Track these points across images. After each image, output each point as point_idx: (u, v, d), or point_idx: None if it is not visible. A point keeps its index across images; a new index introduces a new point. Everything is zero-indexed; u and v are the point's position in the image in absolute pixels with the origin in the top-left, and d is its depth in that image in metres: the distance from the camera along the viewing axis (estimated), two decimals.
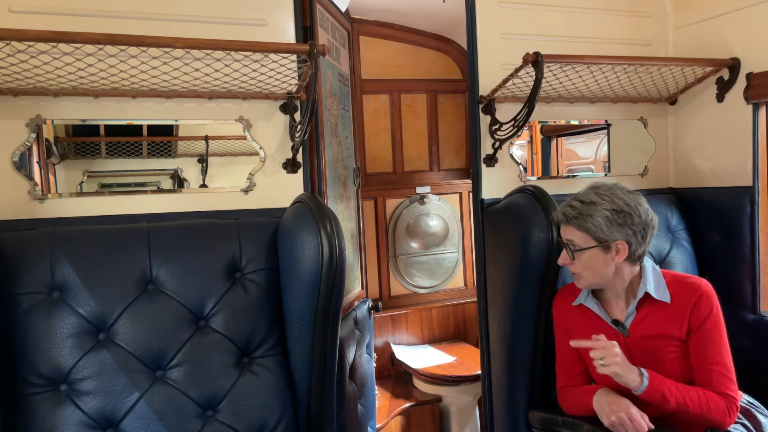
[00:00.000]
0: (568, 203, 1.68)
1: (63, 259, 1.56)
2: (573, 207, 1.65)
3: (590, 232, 1.62)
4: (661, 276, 1.70)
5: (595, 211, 1.62)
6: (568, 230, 1.67)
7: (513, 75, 1.98)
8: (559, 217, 1.70)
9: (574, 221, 1.64)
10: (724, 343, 1.63)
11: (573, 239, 1.66)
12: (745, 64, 2.17)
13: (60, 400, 1.49)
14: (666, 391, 1.55)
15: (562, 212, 1.68)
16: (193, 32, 1.72)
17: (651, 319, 1.67)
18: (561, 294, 1.88)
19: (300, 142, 1.89)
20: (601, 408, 1.60)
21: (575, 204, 1.65)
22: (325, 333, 1.65)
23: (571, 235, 1.66)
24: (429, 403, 3.30)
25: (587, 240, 1.63)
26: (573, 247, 1.66)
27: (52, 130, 1.76)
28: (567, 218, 1.66)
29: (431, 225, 3.87)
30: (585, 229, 1.63)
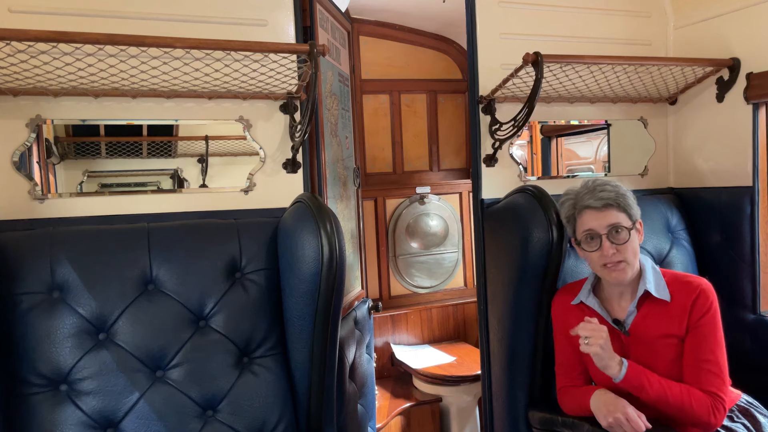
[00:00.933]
0: (599, 188, 1.62)
1: (63, 259, 1.56)
2: (608, 190, 1.61)
3: (630, 211, 1.61)
4: (661, 275, 1.70)
5: (624, 190, 1.62)
6: (610, 214, 1.60)
7: (513, 75, 1.98)
8: (595, 204, 1.62)
9: (619, 200, 1.60)
10: (718, 342, 1.61)
11: (620, 222, 1.60)
12: (745, 64, 2.17)
13: (60, 400, 1.49)
14: (645, 381, 1.55)
15: (600, 197, 1.61)
16: (193, 32, 1.72)
17: (651, 318, 1.66)
18: (560, 294, 1.87)
19: (300, 142, 1.89)
20: (598, 409, 1.60)
21: (608, 188, 1.62)
22: (325, 333, 1.65)
23: (616, 218, 1.60)
24: (429, 403, 3.30)
25: (627, 220, 1.61)
26: (619, 230, 1.60)
27: (52, 130, 1.76)
28: (609, 201, 1.60)
29: (431, 225, 3.87)
30: (627, 207, 1.61)
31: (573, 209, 1.68)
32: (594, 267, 1.69)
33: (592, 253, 1.64)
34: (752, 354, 2.14)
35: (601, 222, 1.61)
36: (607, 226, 1.61)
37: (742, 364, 1.92)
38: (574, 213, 1.68)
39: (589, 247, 1.64)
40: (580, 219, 1.66)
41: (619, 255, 1.61)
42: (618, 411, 1.54)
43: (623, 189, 1.65)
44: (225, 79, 1.77)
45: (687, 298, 1.62)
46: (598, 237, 1.62)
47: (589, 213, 1.64)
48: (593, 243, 1.63)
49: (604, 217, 1.61)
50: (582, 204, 1.65)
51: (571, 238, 1.74)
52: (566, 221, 1.73)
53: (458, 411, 3.31)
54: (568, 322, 1.79)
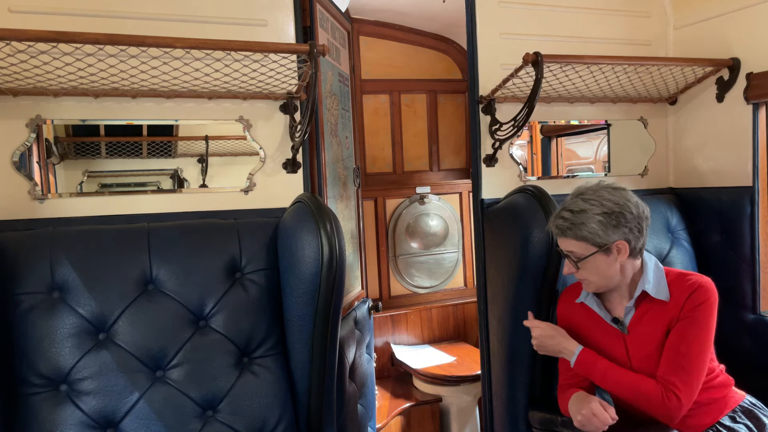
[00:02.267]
0: (559, 215, 1.65)
1: (63, 259, 1.56)
2: (564, 219, 1.63)
3: (588, 240, 1.60)
4: (663, 273, 1.69)
5: (587, 219, 1.59)
6: (565, 242, 1.65)
7: (513, 75, 1.98)
8: (554, 230, 1.67)
9: (569, 232, 1.62)
10: (700, 338, 1.59)
11: (572, 250, 1.64)
12: (745, 64, 2.17)
13: (60, 400, 1.49)
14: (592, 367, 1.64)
15: (555, 225, 1.66)
16: (193, 32, 1.72)
17: (649, 317, 1.66)
18: (566, 293, 1.88)
19: (300, 142, 1.89)
20: (571, 411, 1.64)
21: (565, 215, 1.63)
22: (325, 333, 1.65)
23: (570, 246, 1.64)
24: (429, 403, 3.30)
25: (587, 248, 1.61)
26: (574, 257, 1.64)
27: (52, 130, 1.76)
28: (561, 230, 1.64)
29: (431, 225, 3.87)
30: (582, 238, 1.61)
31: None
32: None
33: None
34: (752, 354, 2.14)
35: (562, 245, 1.68)
36: (566, 251, 1.67)
37: (742, 364, 1.92)
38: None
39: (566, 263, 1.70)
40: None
41: (579, 275, 1.67)
42: (584, 407, 1.57)
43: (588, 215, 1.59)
44: (225, 79, 1.77)
45: (683, 294, 1.62)
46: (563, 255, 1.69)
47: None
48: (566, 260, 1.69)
49: (562, 242, 1.67)
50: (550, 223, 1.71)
51: None
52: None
53: (458, 411, 3.31)
54: (572, 321, 1.80)
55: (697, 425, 1.65)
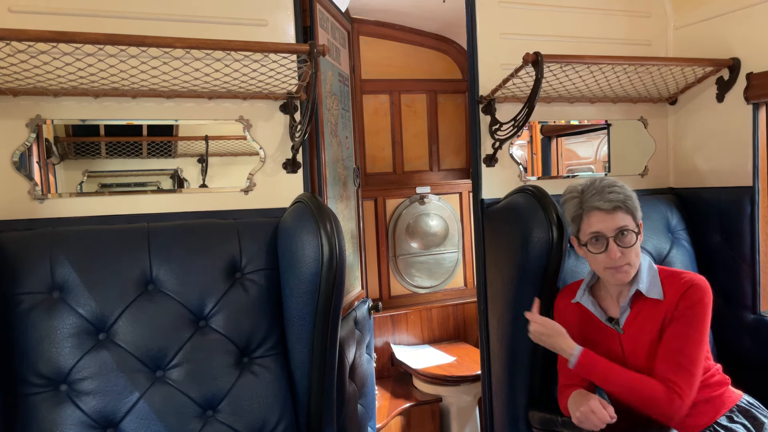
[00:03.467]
0: (607, 191, 1.59)
1: (63, 259, 1.56)
2: (617, 192, 1.58)
3: (635, 215, 1.60)
4: (656, 273, 1.68)
5: (631, 191, 1.59)
6: (617, 217, 1.58)
7: (513, 75, 1.98)
8: (604, 206, 1.58)
9: (626, 204, 1.58)
10: (695, 336, 1.58)
11: (627, 224, 1.58)
12: (745, 64, 2.17)
13: (60, 400, 1.49)
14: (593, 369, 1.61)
15: (607, 200, 1.58)
16: (193, 32, 1.72)
17: (643, 316, 1.66)
18: (561, 294, 1.88)
19: (300, 142, 1.89)
20: (570, 408, 1.63)
21: (616, 189, 1.59)
22: (325, 333, 1.65)
23: (623, 220, 1.58)
24: (429, 403, 3.30)
25: (633, 223, 1.60)
26: (626, 233, 1.58)
27: (52, 130, 1.76)
28: (616, 204, 1.57)
29: (431, 225, 3.87)
30: (631, 212, 1.59)
31: (580, 209, 1.64)
32: (596, 268, 1.68)
33: (597, 255, 1.62)
34: (752, 354, 2.14)
35: (609, 225, 1.59)
36: (615, 229, 1.59)
37: (742, 364, 1.93)
38: (581, 213, 1.64)
39: (595, 248, 1.62)
40: (588, 220, 1.62)
41: (624, 258, 1.59)
42: (583, 404, 1.56)
43: (629, 190, 1.63)
44: (225, 79, 1.77)
45: (676, 292, 1.61)
46: (605, 239, 1.60)
47: (597, 214, 1.60)
48: (599, 245, 1.61)
49: (613, 220, 1.58)
50: (590, 205, 1.61)
51: (571, 236, 1.72)
52: (570, 220, 1.69)
53: (458, 411, 3.32)
54: (568, 320, 1.80)
55: (695, 425, 1.65)
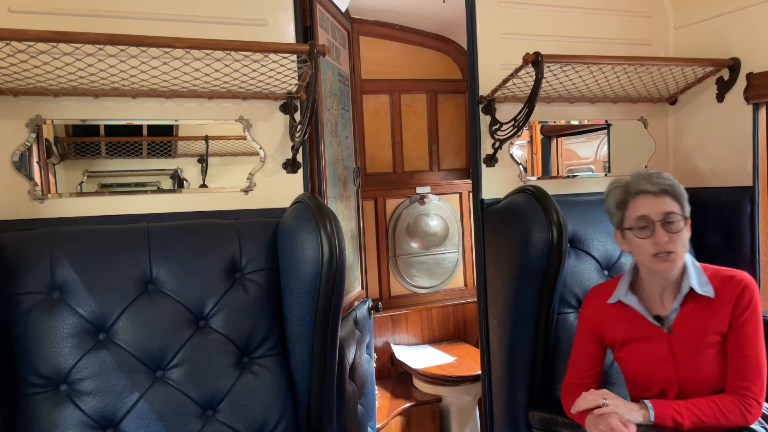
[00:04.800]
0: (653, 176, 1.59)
1: (63, 259, 1.56)
2: (662, 177, 1.59)
3: (682, 204, 1.58)
4: (702, 271, 1.64)
5: (681, 186, 1.59)
6: (664, 201, 1.56)
7: (513, 75, 1.98)
8: (651, 188, 1.58)
9: (674, 189, 1.57)
10: (759, 338, 1.57)
11: (674, 210, 1.56)
12: (745, 64, 2.17)
13: (60, 400, 1.49)
14: (675, 414, 1.52)
15: (656, 183, 1.58)
16: (193, 32, 1.72)
17: (696, 316, 1.61)
18: (592, 294, 1.83)
19: (300, 142, 1.89)
20: (588, 427, 1.59)
21: (663, 174, 1.60)
22: (325, 333, 1.65)
23: (671, 206, 1.56)
24: (429, 403, 3.30)
25: (680, 211, 1.57)
26: (673, 219, 1.55)
27: (52, 130, 1.76)
28: (666, 188, 1.57)
29: (431, 225, 3.87)
30: (679, 199, 1.58)
31: (625, 194, 1.63)
32: (642, 257, 1.61)
33: (643, 241, 1.58)
34: None
35: (656, 208, 1.56)
36: (662, 213, 1.56)
37: None
38: (626, 198, 1.62)
39: (641, 233, 1.58)
40: (633, 204, 1.60)
41: (671, 244, 1.55)
42: (602, 422, 1.52)
43: (677, 181, 1.62)
44: (225, 79, 1.77)
45: (731, 293, 1.58)
46: (652, 224, 1.56)
47: (643, 198, 1.59)
48: (645, 230, 1.57)
49: (660, 204, 1.56)
50: (637, 188, 1.60)
51: (614, 231, 1.70)
52: (615, 207, 1.66)
53: (458, 411, 3.31)
54: (602, 322, 1.75)
55: None
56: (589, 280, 2.04)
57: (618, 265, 2.10)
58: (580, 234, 2.08)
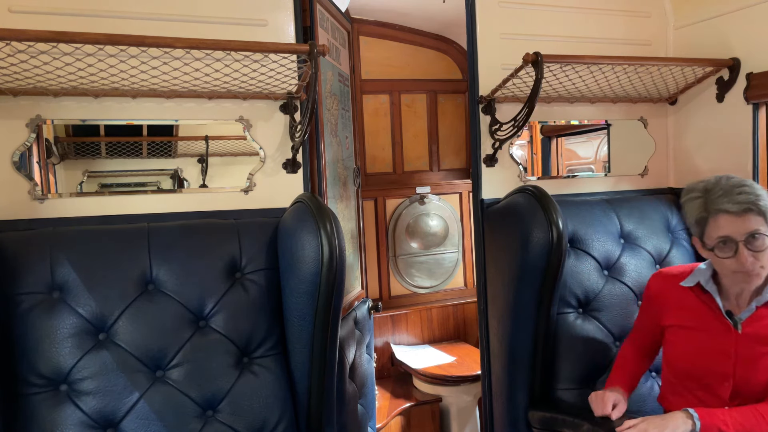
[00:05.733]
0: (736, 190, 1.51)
1: (63, 259, 1.56)
2: (745, 192, 1.50)
3: (766, 215, 1.49)
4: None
5: (761, 190, 1.51)
6: (748, 220, 1.49)
7: (513, 75, 1.98)
8: (733, 208, 1.50)
9: (758, 205, 1.48)
10: None
11: (758, 229, 1.48)
12: (745, 64, 2.17)
13: (60, 400, 1.49)
14: (720, 423, 1.49)
15: (738, 201, 1.49)
16: (193, 32, 1.72)
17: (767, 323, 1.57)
18: (663, 275, 1.81)
19: (300, 142, 1.89)
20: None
21: (745, 189, 1.50)
22: (325, 333, 1.65)
23: (755, 224, 1.48)
24: (429, 403, 3.30)
25: (765, 226, 1.49)
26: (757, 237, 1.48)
27: (52, 130, 1.76)
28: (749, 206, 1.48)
29: (431, 225, 3.87)
30: (764, 212, 1.49)
31: (705, 211, 1.56)
32: (724, 272, 1.60)
33: (726, 260, 1.54)
34: None
35: (739, 228, 1.50)
36: (746, 234, 1.49)
37: None
38: (707, 216, 1.56)
39: (723, 253, 1.53)
40: (714, 223, 1.54)
41: (756, 263, 1.51)
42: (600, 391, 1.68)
43: (760, 189, 1.53)
44: (225, 79, 1.77)
45: None
46: (734, 243, 1.51)
47: (725, 218, 1.52)
48: (727, 249, 1.53)
49: (743, 223, 1.49)
50: (717, 207, 1.53)
51: (693, 238, 1.66)
52: (695, 222, 1.61)
53: (458, 411, 3.32)
54: (666, 299, 1.74)
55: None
56: (589, 280, 2.04)
57: (618, 265, 2.10)
58: (580, 234, 2.08)
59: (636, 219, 2.20)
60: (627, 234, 2.16)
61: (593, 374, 1.97)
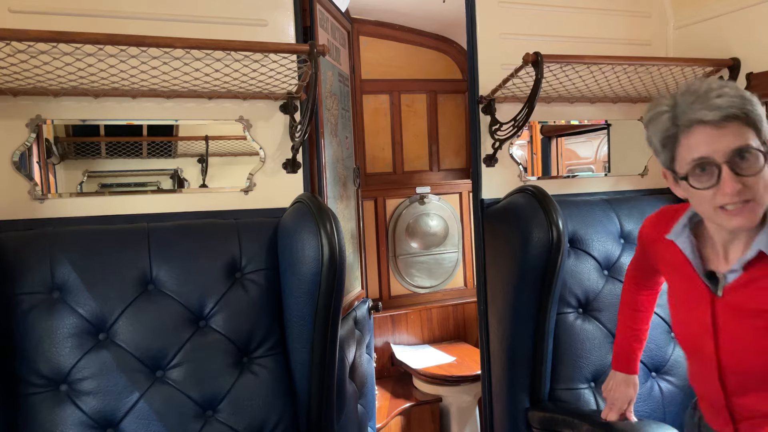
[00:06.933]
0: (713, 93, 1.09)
1: (63, 259, 1.56)
2: (726, 93, 1.09)
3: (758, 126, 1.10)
4: None
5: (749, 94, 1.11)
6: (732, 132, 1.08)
7: (513, 75, 1.98)
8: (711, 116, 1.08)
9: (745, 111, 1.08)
10: None
11: (748, 143, 1.07)
12: (745, 64, 2.17)
13: (60, 400, 1.49)
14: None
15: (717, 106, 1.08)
16: (193, 32, 1.72)
17: (759, 287, 1.17)
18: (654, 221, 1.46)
19: (300, 142, 1.89)
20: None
21: (725, 90, 1.09)
22: (325, 333, 1.65)
23: (742, 137, 1.07)
24: (429, 403, 3.30)
25: (756, 140, 1.09)
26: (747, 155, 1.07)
27: (52, 130, 1.76)
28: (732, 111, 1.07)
29: (431, 225, 3.87)
30: (754, 122, 1.09)
31: (674, 126, 1.14)
32: (704, 209, 1.17)
33: (706, 192, 1.12)
34: None
35: (720, 144, 1.08)
36: (731, 151, 1.08)
37: None
38: (676, 132, 1.14)
39: (701, 183, 1.12)
40: (686, 140, 1.12)
41: (746, 192, 1.08)
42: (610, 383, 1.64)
43: (746, 92, 1.12)
44: (225, 79, 1.77)
45: None
46: (715, 167, 1.09)
47: (700, 131, 1.10)
48: (705, 176, 1.11)
49: (725, 137, 1.08)
50: (689, 117, 1.11)
51: (663, 170, 1.23)
52: (661, 146, 1.18)
53: (458, 411, 3.31)
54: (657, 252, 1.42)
55: None
56: (589, 280, 2.04)
57: (618, 265, 2.10)
58: (580, 234, 2.08)
59: (636, 219, 2.20)
60: (627, 234, 2.16)
61: (593, 374, 1.97)
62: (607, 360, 1.96)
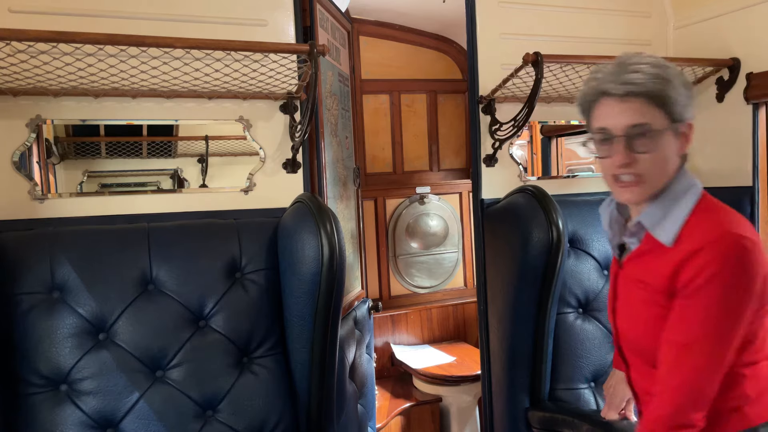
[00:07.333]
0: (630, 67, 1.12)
1: (63, 259, 1.56)
2: (640, 70, 1.11)
3: (667, 106, 1.11)
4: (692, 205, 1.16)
5: (672, 75, 1.12)
6: (633, 109, 1.12)
7: (513, 75, 1.98)
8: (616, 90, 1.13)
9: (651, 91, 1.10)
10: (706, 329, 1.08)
11: (644, 121, 1.11)
12: (745, 64, 2.17)
13: (60, 400, 1.49)
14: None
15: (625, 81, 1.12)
16: (193, 32, 1.72)
17: (642, 258, 1.23)
18: None
19: (300, 142, 1.89)
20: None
21: (644, 68, 1.11)
22: (325, 333, 1.65)
23: (639, 115, 1.11)
24: (429, 403, 3.30)
25: (661, 120, 1.12)
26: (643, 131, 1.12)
27: (52, 130, 1.76)
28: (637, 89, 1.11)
29: (431, 225, 3.87)
30: (662, 102, 1.11)
31: (593, 94, 1.19)
32: (605, 178, 1.24)
33: (603, 160, 1.20)
34: None
35: (619, 118, 1.13)
36: (627, 127, 1.13)
37: None
38: (592, 100, 1.20)
39: (599, 151, 1.19)
40: (596, 110, 1.19)
41: (635, 167, 1.14)
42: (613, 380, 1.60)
43: (668, 70, 1.13)
44: (225, 79, 1.77)
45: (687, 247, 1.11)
46: (611, 139, 1.16)
47: (606, 103, 1.16)
48: (605, 146, 1.17)
49: (625, 112, 1.13)
50: (602, 88, 1.16)
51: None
52: (581, 111, 1.25)
53: (458, 411, 3.31)
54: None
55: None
56: (589, 280, 2.04)
57: None
58: (580, 234, 2.08)
59: None
60: None
61: (593, 374, 1.97)
62: (607, 360, 1.96)
